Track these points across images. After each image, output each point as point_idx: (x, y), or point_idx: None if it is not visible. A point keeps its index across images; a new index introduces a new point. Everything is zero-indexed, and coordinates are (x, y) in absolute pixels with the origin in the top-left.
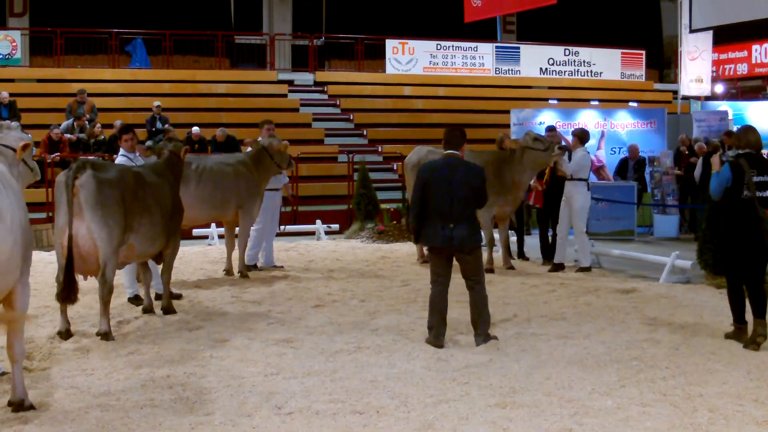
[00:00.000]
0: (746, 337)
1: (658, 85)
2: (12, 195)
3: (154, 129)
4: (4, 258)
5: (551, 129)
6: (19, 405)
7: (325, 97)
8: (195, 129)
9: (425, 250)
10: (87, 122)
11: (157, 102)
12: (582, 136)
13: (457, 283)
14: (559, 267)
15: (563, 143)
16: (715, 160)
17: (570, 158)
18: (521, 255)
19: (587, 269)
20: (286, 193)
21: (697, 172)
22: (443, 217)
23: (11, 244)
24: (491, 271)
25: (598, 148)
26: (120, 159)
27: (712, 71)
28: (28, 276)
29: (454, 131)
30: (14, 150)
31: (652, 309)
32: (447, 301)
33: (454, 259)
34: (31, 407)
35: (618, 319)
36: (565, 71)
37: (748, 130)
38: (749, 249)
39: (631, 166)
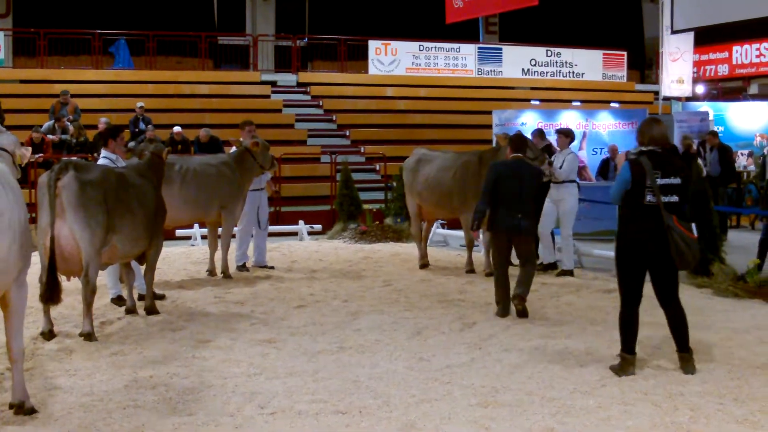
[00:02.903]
0: (631, 369)
1: (639, 86)
2: (11, 194)
3: (137, 130)
4: (2, 256)
5: (539, 133)
6: (20, 407)
7: (308, 97)
8: (177, 128)
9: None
10: (68, 123)
11: (140, 103)
12: (571, 134)
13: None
14: (550, 267)
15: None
16: (620, 159)
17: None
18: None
19: (569, 272)
20: (270, 191)
21: None
22: (511, 207)
23: (9, 242)
24: (472, 271)
25: (580, 149)
26: (102, 160)
27: (693, 72)
28: (26, 276)
29: (520, 140)
30: (8, 152)
31: None
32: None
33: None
34: (33, 410)
35: (599, 318)
36: (547, 72)
37: (652, 123)
38: (657, 265)
39: (612, 166)
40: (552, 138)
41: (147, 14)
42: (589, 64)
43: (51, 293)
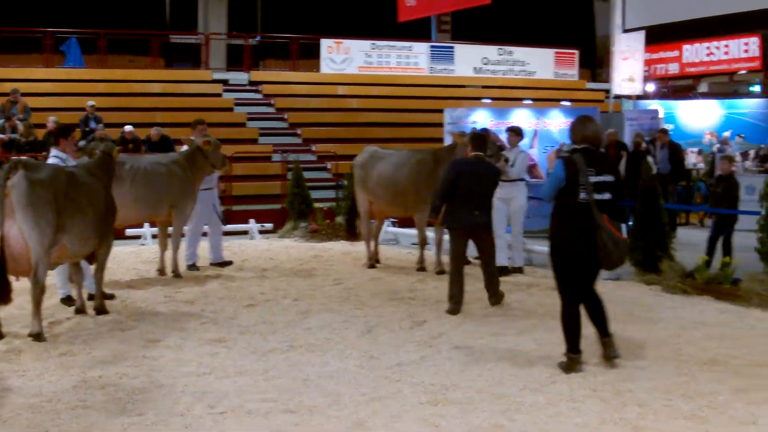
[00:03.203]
0: (578, 367)
1: (590, 85)
2: None
3: (87, 129)
4: None
5: (514, 130)
6: None
7: (260, 96)
8: (128, 127)
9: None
10: (18, 122)
11: (91, 102)
12: (521, 132)
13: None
14: (504, 271)
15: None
16: (551, 156)
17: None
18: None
19: (519, 270)
20: (218, 190)
21: (622, 169)
22: (470, 204)
23: None
24: (422, 269)
25: (531, 147)
26: (52, 159)
27: (644, 71)
28: None
29: (479, 137)
30: None
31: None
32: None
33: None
34: None
35: (549, 316)
36: (498, 71)
37: (586, 121)
38: (585, 262)
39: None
40: (503, 136)
41: (98, 12)
42: (540, 62)
43: (1, 293)
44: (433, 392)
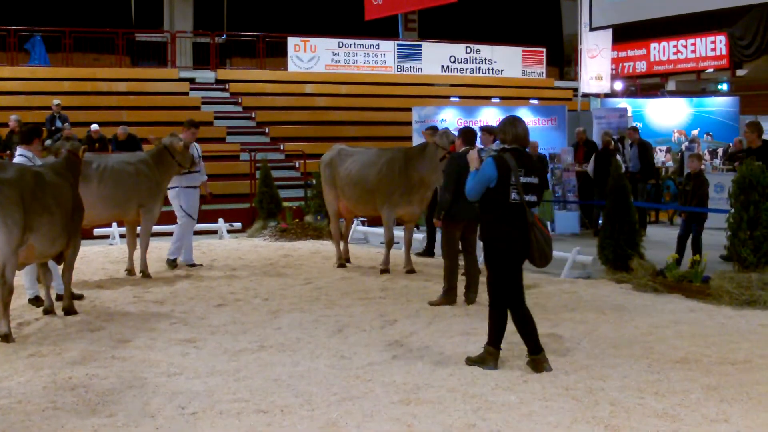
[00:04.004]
0: (494, 363)
1: (558, 83)
2: None
3: (53, 128)
4: None
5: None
6: None
7: (227, 95)
8: (94, 126)
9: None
10: None
11: (56, 100)
12: (494, 130)
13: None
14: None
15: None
16: (473, 156)
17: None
18: (431, 253)
19: None
20: (204, 191)
21: (591, 167)
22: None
23: None
24: (387, 271)
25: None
26: (18, 158)
27: (612, 69)
28: None
29: (470, 131)
30: None
31: (553, 304)
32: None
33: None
34: None
35: None
36: (466, 69)
37: (516, 121)
38: (521, 262)
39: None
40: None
41: (63, 10)
42: (508, 60)
43: None
44: (405, 392)
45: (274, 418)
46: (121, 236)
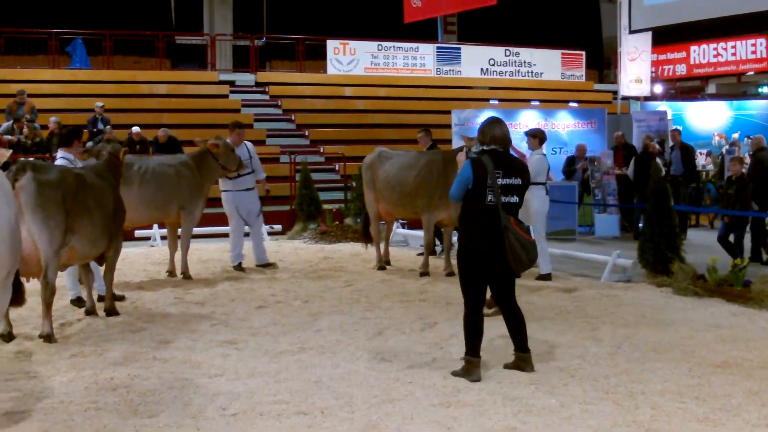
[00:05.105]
0: (477, 372)
1: (597, 86)
2: (1, 195)
3: (95, 130)
4: None
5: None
6: None
7: (267, 97)
8: (135, 129)
9: None
10: (26, 123)
11: (99, 102)
12: (541, 136)
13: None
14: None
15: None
16: (460, 158)
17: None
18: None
19: (547, 277)
20: (262, 191)
21: (631, 171)
22: None
23: None
24: (426, 274)
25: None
26: (59, 160)
27: (651, 72)
28: (12, 278)
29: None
30: None
31: (593, 308)
32: None
33: None
34: None
35: (560, 318)
36: (505, 71)
37: (494, 123)
38: (494, 266)
39: (578, 165)
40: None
41: (104, 13)
42: (547, 63)
43: (14, 295)
44: (445, 394)
45: (314, 420)
46: (162, 238)
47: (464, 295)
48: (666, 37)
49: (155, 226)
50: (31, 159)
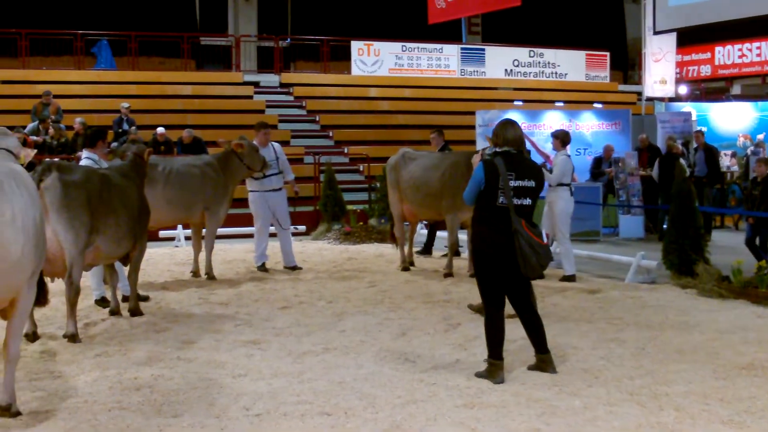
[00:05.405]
0: (501, 374)
1: (622, 87)
2: (26, 194)
3: (120, 130)
4: (15, 258)
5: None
6: (6, 409)
7: (291, 98)
8: (160, 129)
9: None
10: (51, 124)
11: (125, 103)
12: (564, 137)
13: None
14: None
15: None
16: (475, 159)
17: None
18: (428, 251)
19: (571, 278)
20: (291, 192)
21: (655, 172)
22: None
23: (23, 243)
24: (450, 275)
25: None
26: (84, 161)
27: (676, 73)
28: (37, 277)
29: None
30: (15, 155)
31: (618, 309)
32: None
33: None
34: (18, 413)
35: (585, 319)
36: (530, 72)
37: (507, 125)
38: (506, 269)
39: (605, 166)
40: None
41: (129, 15)
42: (572, 64)
43: (38, 295)
44: (469, 395)
45: (337, 421)
46: (187, 238)
47: (482, 296)
48: (691, 37)
49: (179, 226)
50: (56, 159)
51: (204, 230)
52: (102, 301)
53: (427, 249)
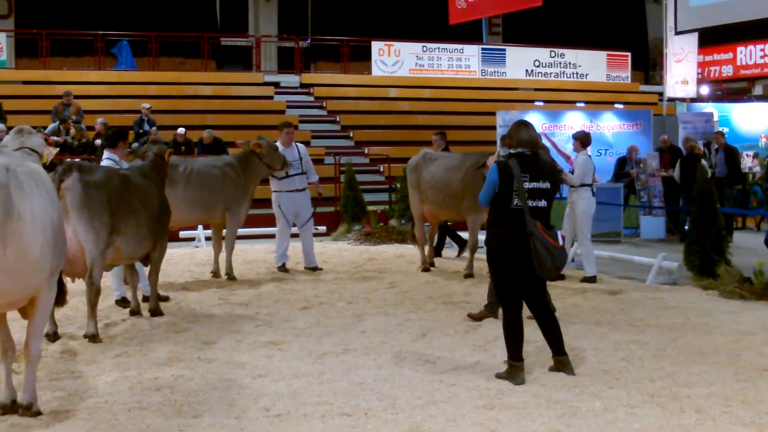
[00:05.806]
0: (521, 376)
1: (643, 87)
2: (45, 194)
3: (141, 131)
4: (35, 257)
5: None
6: (27, 408)
7: (312, 98)
8: (181, 130)
9: None
10: (72, 124)
11: (146, 104)
12: (584, 139)
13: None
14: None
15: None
16: (491, 161)
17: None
18: (438, 254)
19: (592, 279)
20: (315, 193)
21: (676, 173)
22: None
23: (41, 243)
24: (471, 276)
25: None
26: (105, 161)
27: (698, 73)
28: (57, 276)
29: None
30: (38, 153)
31: (639, 310)
32: None
33: None
34: (38, 412)
35: (605, 320)
36: (550, 73)
37: (521, 126)
38: (521, 271)
39: (629, 167)
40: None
41: (149, 15)
42: (592, 64)
43: (56, 295)
44: (489, 396)
45: (357, 421)
46: (207, 239)
47: (499, 298)
48: (712, 38)
49: (200, 226)
50: (77, 160)
51: (224, 230)
52: (122, 302)
53: (437, 250)
